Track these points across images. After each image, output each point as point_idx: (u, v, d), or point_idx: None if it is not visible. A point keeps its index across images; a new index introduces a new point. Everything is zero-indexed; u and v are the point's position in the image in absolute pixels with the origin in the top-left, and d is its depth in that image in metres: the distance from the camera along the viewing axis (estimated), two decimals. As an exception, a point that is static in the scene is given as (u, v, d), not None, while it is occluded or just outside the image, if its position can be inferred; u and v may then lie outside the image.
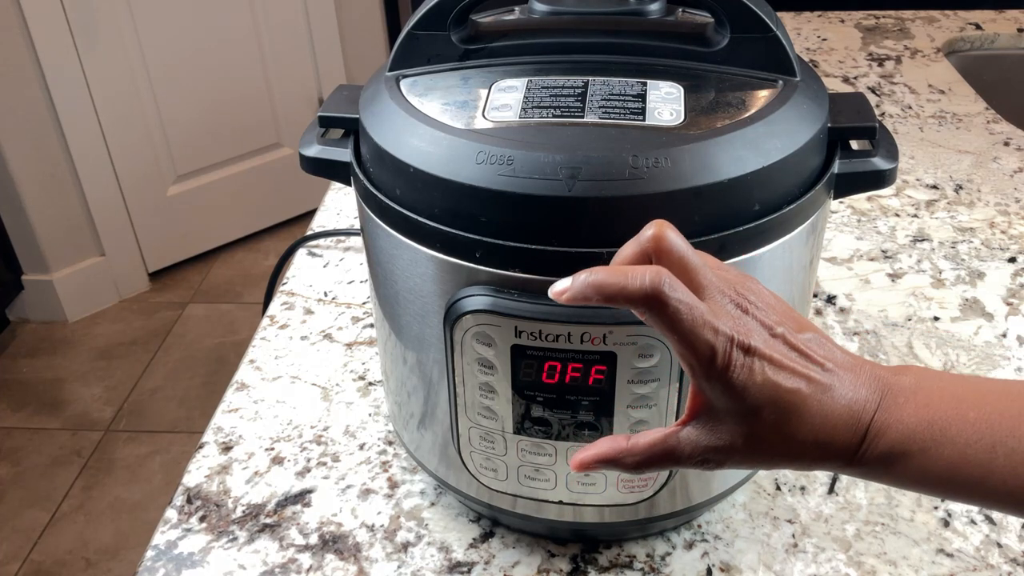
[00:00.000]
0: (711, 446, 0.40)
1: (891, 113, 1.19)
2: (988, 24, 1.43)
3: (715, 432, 0.40)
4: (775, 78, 0.53)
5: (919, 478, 0.40)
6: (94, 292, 2.42)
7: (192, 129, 2.45)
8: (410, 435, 0.63)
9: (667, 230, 0.39)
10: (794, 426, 0.39)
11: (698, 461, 0.41)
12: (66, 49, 2.14)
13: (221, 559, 0.62)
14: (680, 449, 0.41)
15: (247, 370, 0.79)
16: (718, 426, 0.40)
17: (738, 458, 0.40)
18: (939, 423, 0.39)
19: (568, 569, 0.60)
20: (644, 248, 0.40)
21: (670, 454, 0.41)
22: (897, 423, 0.39)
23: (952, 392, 0.40)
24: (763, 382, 0.38)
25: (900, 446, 0.39)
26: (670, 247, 0.39)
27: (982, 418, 0.39)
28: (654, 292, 0.37)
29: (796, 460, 0.40)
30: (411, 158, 0.49)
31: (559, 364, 0.49)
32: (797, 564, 0.60)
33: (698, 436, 0.40)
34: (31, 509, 1.87)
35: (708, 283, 0.39)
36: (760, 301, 0.40)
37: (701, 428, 0.40)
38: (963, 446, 0.38)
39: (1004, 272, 0.87)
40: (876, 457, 0.39)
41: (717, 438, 0.40)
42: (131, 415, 2.09)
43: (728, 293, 0.40)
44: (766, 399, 0.38)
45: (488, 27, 0.58)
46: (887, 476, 0.40)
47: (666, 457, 0.41)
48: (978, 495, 0.39)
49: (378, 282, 0.57)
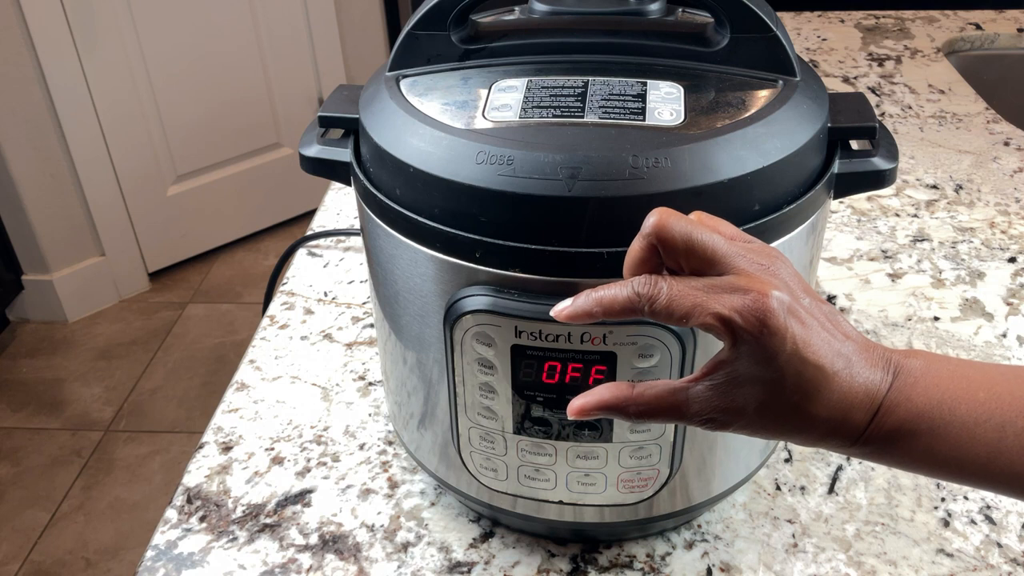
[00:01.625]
0: (721, 406, 0.39)
1: (891, 113, 1.19)
2: (988, 24, 1.43)
3: (729, 394, 0.39)
4: (775, 78, 0.53)
5: (924, 458, 0.39)
6: (94, 292, 2.42)
7: (192, 129, 2.45)
8: (410, 435, 0.63)
9: (668, 219, 0.39)
10: (812, 400, 0.38)
11: (703, 420, 0.40)
12: (66, 49, 2.14)
13: (221, 559, 0.62)
14: (688, 405, 0.40)
15: (247, 370, 0.79)
16: (734, 389, 0.39)
17: (744, 423, 0.40)
18: (948, 403, 0.39)
19: (568, 569, 0.60)
20: (648, 240, 0.39)
21: (677, 408, 0.40)
22: (906, 402, 0.39)
23: (962, 374, 0.40)
24: (792, 351, 0.37)
25: (908, 425, 0.39)
26: (672, 235, 0.39)
27: (992, 398, 0.39)
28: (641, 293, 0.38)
29: (803, 433, 0.40)
30: (411, 158, 0.49)
31: (559, 364, 0.49)
32: (797, 564, 0.60)
33: (710, 395, 0.40)
34: (31, 509, 1.87)
35: (724, 253, 0.39)
36: (784, 270, 0.40)
37: (715, 388, 0.40)
38: (972, 426, 0.38)
39: (1004, 272, 0.87)
40: (883, 435, 0.39)
41: (730, 400, 0.39)
42: (131, 415, 2.09)
43: (750, 258, 0.39)
44: (792, 369, 0.38)
45: (488, 27, 0.58)
46: (892, 456, 0.40)
47: (672, 411, 0.40)
48: (983, 476, 0.39)
49: (378, 282, 0.57)
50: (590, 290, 0.40)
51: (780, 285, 0.38)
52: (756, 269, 0.39)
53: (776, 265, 0.39)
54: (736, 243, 0.40)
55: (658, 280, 0.39)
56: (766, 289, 0.37)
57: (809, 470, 0.67)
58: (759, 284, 0.38)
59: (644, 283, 0.39)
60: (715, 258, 0.39)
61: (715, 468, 0.58)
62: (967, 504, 0.63)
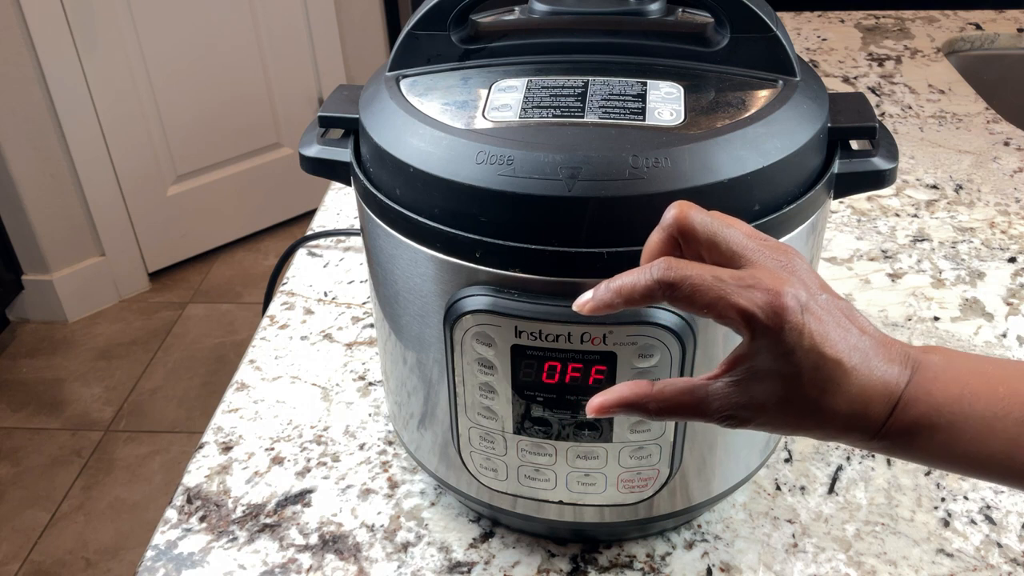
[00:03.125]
0: (741, 403, 0.40)
1: (891, 113, 1.19)
2: (988, 24, 1.43)
3: (748, 390, 0.39)
4: (775, 78, 0.53)
5: (943, 453, 0.39)
6: (94, 292, 2.42)
7: (192, 129, 2.45)
8: (410, 435, 0.63)
9: (688, 211, 0.39)
10: (831, 394, 0.38)
11: (724, 416, 0.40)
12: (66, 49, 2.14)
13: (221, 559, 0.62)
14: (708, 402, 0.40)
15: (247, 370, 0.79)
16: (753, 384, 0.39)
17: (765, 419, 0.40)
18: (968, 397, 0.39)
19: (568, 569, 0.60)
20: (669, 233, 0.40)
21: (697, 405, 0.40)
22: (926, 396, 0.39)
23: (981, 369, 0.40)
24: (810, 346, 0.38)
25: (927, 419, 0.39)
26: (693, 227, 0.39)
27: (1011, 394, 0.39)
28: (662, 280, 0.38)
29: (823, 428, 0.40)
30: (411, 158, 0.49)
31: (559, 364, 0.49)
32: (797, 564, 0.60)
33: (730, 391, 0.40)
34: (31, 509, 1.87)
35: (744, 248, 0.39)
36: (801, 267, 0.40)
37: (735, 384, 0.40)
38: (991, 419, 0.38)
39: (1004, 272, 0.87)
40: (902, 430, 0.39)
41: (750, 396, 0.39)
42: (131, 415, 2.09)
43: (768, 254, 0.39)
44: (810, 364, 0.38)
45: (488, 27, 0.58)
46: (911, 450, 0.40)
47: (692, 408, 0.40)
48: (1003, 472, 0.39)
49: (378, 282, 0.58)
50: (607, 280, 0.40)
51: (797, 282, 0.38)
52: (774, 265, 0.39)
53: (793, 262, 0.39)
54: (754, 239, 0.40)
55: (680, 267, 0.38)
56: (783, 287, 0.38)
57: (809, 470, 0.67)
58: (778, 280, 0.38)
59: (666, 268, 0.38)
60: (735, 252, 0.39)
61: (715, 468, 0.58)
62: (967, 504, 0.63)
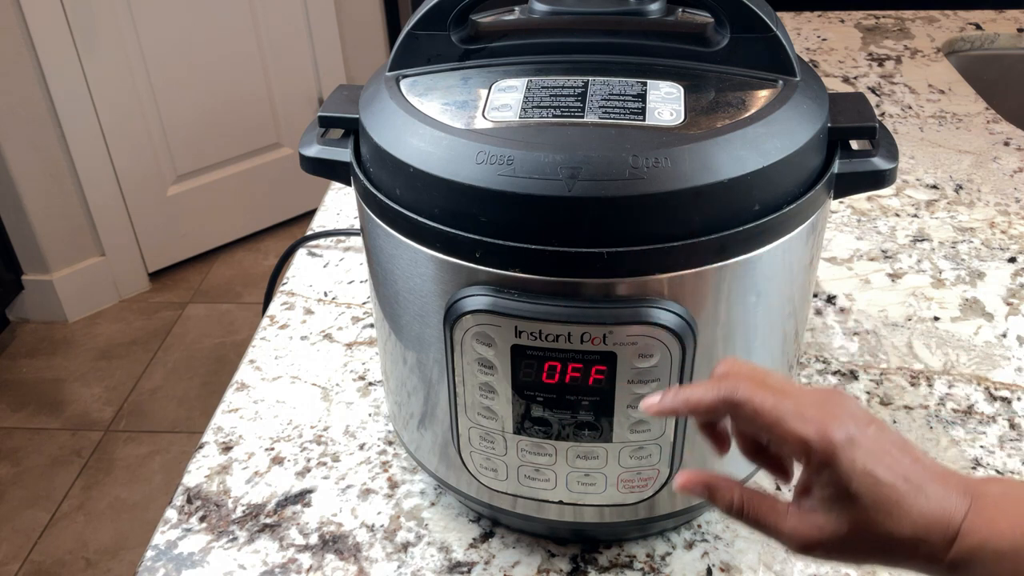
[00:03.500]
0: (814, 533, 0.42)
1: (891, 113, 1.19)
2: (988, 24, 1.43)
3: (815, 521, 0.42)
4: (775, 78, 0.53)
5: None
6: (94, 292, 2.42)
7: (192, 129, 2.45)
8: (410, 435, 0.63)
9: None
10: (891, 518, 0.40)
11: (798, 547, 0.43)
12: (66, 49, 2.14)
13: (221, 559, 0.62)
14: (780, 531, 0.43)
15: (247, 370, 0.79)
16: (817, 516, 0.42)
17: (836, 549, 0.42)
18: None
19: (568, 569, 0.60)
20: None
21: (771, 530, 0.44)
22: (988, 524, 0.40)
23: None
24: (863, 471, 0.40)
25: (991, 546, 0.39)
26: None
27: None
28: (727, 399, 0.42)
29: (890, 554, 0.42)
30: (411, 158, 0.49)
31: (559, 364, 0.49)
32: (797, 564, 0.60)
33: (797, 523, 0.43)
34: (31, 509, 1.86)
35: (793, 389, 0.42)
36: (849, 404, 0.42)
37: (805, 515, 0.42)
38: None
39: (1004, 272, 0.87)
40: (967, 557, 0.40)
41: (819, 528, 0.42)
42: (131, 415, 2.09)
43: (813, 399, 0.42)
44: (866, 489, 0.40)
45: (488, 27, 0.58)
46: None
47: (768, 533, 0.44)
48: None
49: (378, 282, 0.57)
50: (677, 388, 0.45)
51: (846, 415, 0.41)
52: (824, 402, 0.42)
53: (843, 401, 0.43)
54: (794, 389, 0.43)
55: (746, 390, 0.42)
56: (832, 420, 0.41)
57: (809, 470, 0.67)
58: (828, 415, 0.41)
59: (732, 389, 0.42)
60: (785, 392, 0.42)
61: (715, 468, 0.58)
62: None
